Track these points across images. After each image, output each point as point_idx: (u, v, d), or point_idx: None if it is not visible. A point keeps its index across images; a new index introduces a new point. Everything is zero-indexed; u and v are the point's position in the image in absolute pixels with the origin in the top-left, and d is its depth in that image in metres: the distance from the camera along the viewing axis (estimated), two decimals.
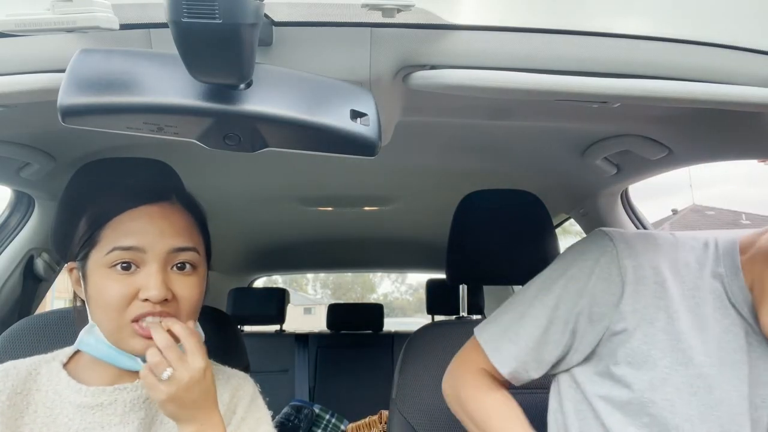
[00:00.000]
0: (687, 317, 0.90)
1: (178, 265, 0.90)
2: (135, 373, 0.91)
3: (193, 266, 0.92)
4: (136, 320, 0.86)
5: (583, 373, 0.96)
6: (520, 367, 0.97)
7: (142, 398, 0.93)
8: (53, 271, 1.68)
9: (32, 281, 1.64)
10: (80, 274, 0.92)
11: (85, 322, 0.93)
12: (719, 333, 0.90)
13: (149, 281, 0.86)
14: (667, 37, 0.72)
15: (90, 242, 0.89)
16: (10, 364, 0.94)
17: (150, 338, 0.84)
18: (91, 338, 0.90)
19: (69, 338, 1.15)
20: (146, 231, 0.88)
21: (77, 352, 0.97)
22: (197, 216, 0.97)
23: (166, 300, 0.87)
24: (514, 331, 0.98)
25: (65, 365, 0.96)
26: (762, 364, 0.90)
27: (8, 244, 1.58)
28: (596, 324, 0.92)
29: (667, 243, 0.96)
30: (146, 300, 0.85)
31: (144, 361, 0.85)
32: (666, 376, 0.88)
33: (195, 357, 0.83)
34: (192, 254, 0.91)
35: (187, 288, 0.90)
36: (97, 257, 0.88)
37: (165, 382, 0.82)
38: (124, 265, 0.86)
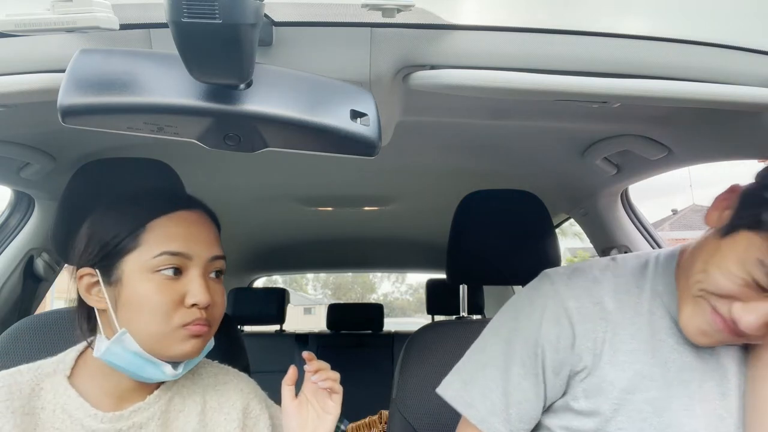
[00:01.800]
0: (631, 345, 0.90)
1: (216, 272, 0.91)
2: (144, 387, 0.90)
3: (223, 274, 0.93)
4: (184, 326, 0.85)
5: (548, 409, 0.97)
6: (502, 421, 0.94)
7: (157, 414, 0.90)
8: (53, 271, 1.68)
9: (32, 281, 1.64)
10: (102, 280, 0.86)
11: (92, 330, 0.91)
12: (665, 354, 0.89)
13: (195, 287, 0.85)
14: (667, 37, 0.72)
15: (125, 247, 0.85)
16: (11, 379, 0.87)
17: (198, 337, 0.85)
18: (118, 347, 0.84)
19: (69, 338, 1.14)
20: (190, 237, 0.87)
21: (77, 360, 0.91)
22: (217, 225, 0.97)
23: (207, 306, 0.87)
24: (479, 391, 0.95)
25: (69, 378, 0.89)
26: (717, 376, 0.89)
27: (8, 244, 1.58)
28: (560, 372, 0.92)
29: (607, 273, 0.96)
30: (193, 306, 0.85)
31: (174, 368, 0.87)
32: (617, 406, 0.88)
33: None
34: (223, 263, 0.92)
35: (220, 295, 0.91)
36: (139, 261, 0.84)
37: None
38: (174, 270, 0.85)
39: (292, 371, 0.95)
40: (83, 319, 0.92)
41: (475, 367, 0.98)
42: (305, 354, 0.96)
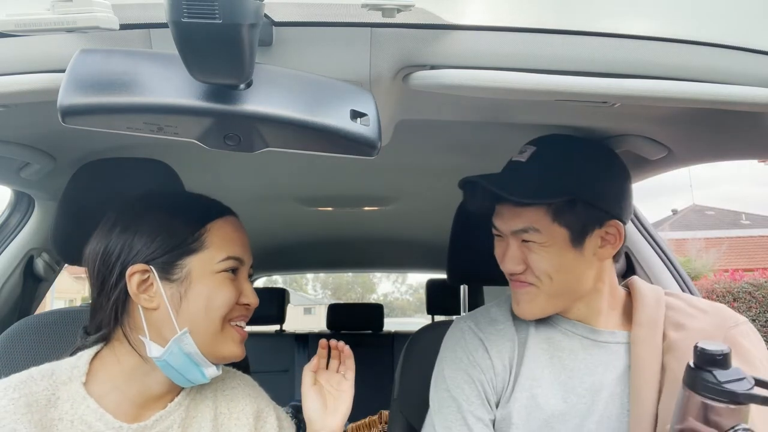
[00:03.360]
0: (533, 371, 1.01)
1: (250, 276, 0.96)
2: (164, 394, 0.90)
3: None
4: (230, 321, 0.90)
5: None
6: None
7: (177, 422, 0.90)
8: (53, 271, 1.68)
9: (32, 281, 1.64)
10: (159, 277, 0.85)
11: (138, 329, 0.86)
12: (580, 374, 0.99)
13: (247, 289, 0.92)
14: (667, 37, 0.72)
15: (190, 246, 0.87)
16: (26, 389, 0.82)
17: (244, 339, 0.92)
18: (177, 346, 0.84)
19: (69, 338, 1.14)
20: (242, 242, 0.93)
21: (90, 364, 0.88)
22: None
23: None
24: None
25: (84, 385, 0.86)
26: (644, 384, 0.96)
27: (8, 244, 1.58)
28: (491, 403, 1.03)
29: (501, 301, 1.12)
30: (245, 305, 0.91)
31: (217, 368, 0.89)
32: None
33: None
34: (252, 268, 0.97)
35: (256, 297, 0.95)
36: (208, 262, 0.87)
37: None
38: (234, 270, 0.90)
39: (316, 359, 1.01)
40: (120, 318, 0.87)
41: (432, 410, 1.07)
42: (323, 342, 1.03)
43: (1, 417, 0.78)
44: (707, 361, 0.73)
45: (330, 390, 0.99)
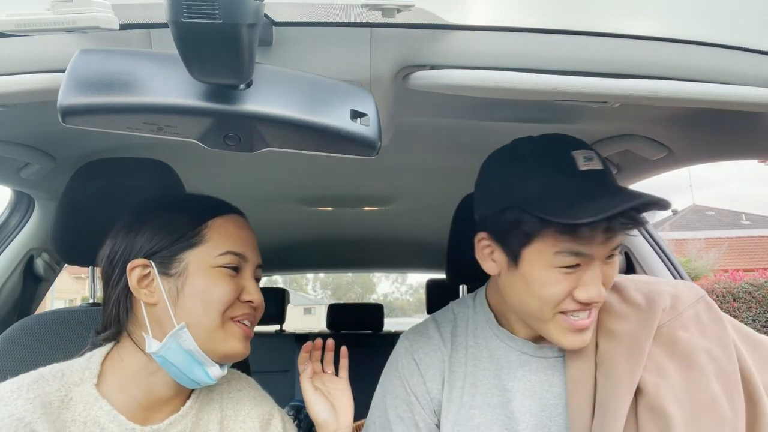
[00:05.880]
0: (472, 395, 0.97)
1: (256, 278, 0.95)
2: (174, 397, 0.89)
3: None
4: (233, 319, 0.89)
5: None
6: None
7: (189, 426, 0.89)
8: (53, 271, 1.68)
9: (32, 281, 1.64)
10: (158, 271, 0.86)
11: (141, 326, 0.87)
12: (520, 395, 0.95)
13: (251, 286, 0.90)
14: (667, 37, 0.72)
15: (189, 241, 0.87)
16: (40, 390, 0.81)
17: (246, 338, 0.89)
18: (174, 342, 0.84)
19: (69, 338, 1.14)
20: (246, 240, 0.92)
21: (101, 365, 0.87)
22: None
23: None
24: None
25: (96, 386, 0.85)
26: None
27: (8, 244, 1.58)
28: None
29: (440, 316, 1.07)
30: (247, 302, 0.90)
31: (221, 368, 0.87)
32: None
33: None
34: (261, 272, 0.96)
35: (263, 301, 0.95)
36: (204, 256, 0.87)
37: None
38: (235, 267, 0.89)
39: (310, 368, 1.01)
40: (123, 315, 0.88)
41: None
42: (308, 344, 1.03)
43: (21, 416, 0.77)
44: None
45: (330, 391, 0.99)
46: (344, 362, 1.03)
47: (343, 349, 1.03)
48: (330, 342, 1.04)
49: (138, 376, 0.86)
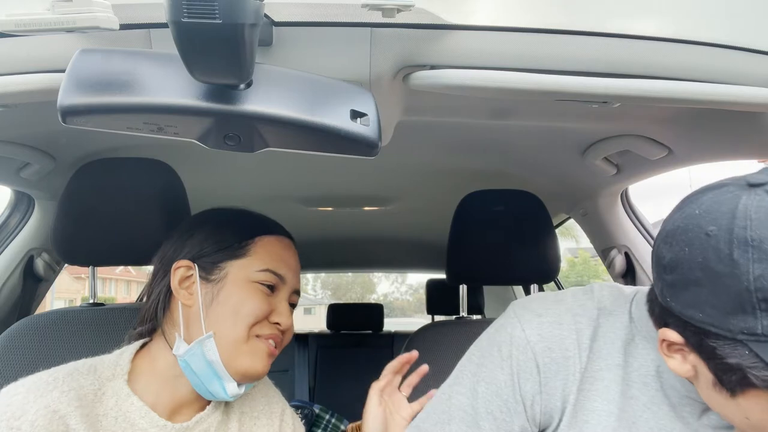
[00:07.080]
0: (597, 404, 0.81)
1: (291, 305, 0.95)
2: (198, 397, 0.89)
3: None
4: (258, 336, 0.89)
5: None
6: None
7: (213, 425, 0.90)
8: (53, 271, 1.68)
9: (32, 281, 1.64)
10: (199, 275, 0.88)
11: (150, 332, 0.90)
12: (636, 413, 0.80)
13: (282, 308, 0.91)
14: (667, 37, 0.72)
15: (234, 251, 0.90)
16: (75, 383, 0.81)
17: (270, 356, 0.88)
18: (199, 349, 0.84)
19: (69, 338, 1.15)
20: (288, 262, 0.93)
21: (132, 362, 0.88)
22: None
23: None
24: None
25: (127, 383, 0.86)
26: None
27: (8, 244, 1.58)
28: (529, 428, 0.84)
29: (584, 315, 0.85)
30: (275, 323, 0.90)
31: (238, 386, 0.86)
32: None
33: None
34: (298, 299, 0.97)
35: (293, 325, 0.95)
36: (245, 269, 0.89)
37: None
38: (271, 286, 0.90)
39: (387, 380, 1.01)
40: (161, 312, 0.90)
41: (440, 419, 0.87)
42: (410, 356, 1.03)
43: (56, 408, 0.77)
44: None
45: (393, 413, 1.00)
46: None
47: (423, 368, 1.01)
48: (424, 367, 1.03)
49: (165, 376, 0.87)
